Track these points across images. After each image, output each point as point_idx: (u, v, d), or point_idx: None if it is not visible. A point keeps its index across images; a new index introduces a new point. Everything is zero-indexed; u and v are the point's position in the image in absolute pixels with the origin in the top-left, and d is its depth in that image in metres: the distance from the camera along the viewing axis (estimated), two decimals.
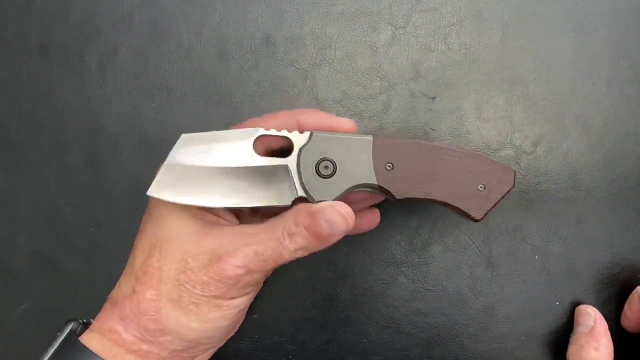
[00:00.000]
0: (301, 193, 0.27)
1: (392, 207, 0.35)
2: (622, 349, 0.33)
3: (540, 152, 0.35)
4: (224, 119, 0.36)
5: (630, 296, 0.34)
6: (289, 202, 0.27)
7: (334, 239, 0.27)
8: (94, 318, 0.29)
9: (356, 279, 0.35)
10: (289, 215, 0.27)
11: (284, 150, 0.28)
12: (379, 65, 0.36)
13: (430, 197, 0.28)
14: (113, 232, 0.36)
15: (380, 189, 0.28)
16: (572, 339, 0.34)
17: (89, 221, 0.36)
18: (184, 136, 0.28)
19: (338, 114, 0.36)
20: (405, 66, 0.36)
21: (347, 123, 0.29)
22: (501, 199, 0.28)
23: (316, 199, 0.27)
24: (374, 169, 0.27)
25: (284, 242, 0.26)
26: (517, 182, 0.35)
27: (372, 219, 0.32)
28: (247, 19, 0.36)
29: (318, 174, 0.27)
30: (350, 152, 0.27)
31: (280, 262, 0.26)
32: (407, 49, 0.36)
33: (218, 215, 0.29)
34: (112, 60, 0.36)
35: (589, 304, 0.35)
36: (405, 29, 0.36)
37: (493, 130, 0.36)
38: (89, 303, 0.36)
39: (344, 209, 0.26)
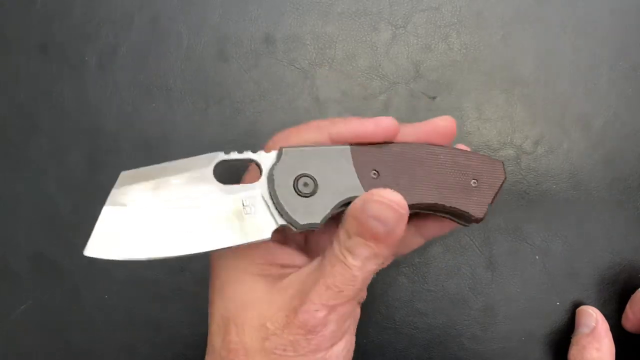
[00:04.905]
0: (281, 221, 0.23)
1: None
2: (623, 349, 0.33)
3: (540, 152, 0.35)
4: (224, 118, 0.36)
5: (632, 297, 0.34)
6: (268, 235, 0.23)
7: (398, 234, 0.23)
8: (90, 318, 0.29)
9: None
10: (340, 228, 0.23)
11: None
12: (379, 65, 0.36)
13: (425, 202, 0.25)
14: None
15: None
16: (574, 340, 0.34)
17: (89, 221, 0.36)
18: (123, 174, 0.24)
19: (338, 114, 0.36)
20: (405, 66, 0.36)
21: (386, 123, 0.25)
22: (497, 193, 0.26)
23: (301, 223, 0.23)
24: (359, 178, 0.24)
25: (347, 262, 0.22)
26: (517, 182, 0.35)
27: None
28: (247, 18, 0.36)
29: (298, 194, 0.24)
30: (329, 164, 0.24)
31: (359, 283, 0.23)
32: (407, 48, 0.36)
33: (283, 266, 0.26)
34: (112, 60, 0.36)
35: (590, 304, 0.35)
36: (405, 28, 0.36)
37: (493, 130, 0.36)
38: (89, 303, 0.36)
39: (389, 195, 0.22)
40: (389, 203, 0.22)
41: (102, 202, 0.36)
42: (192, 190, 0.23)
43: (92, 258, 0.36)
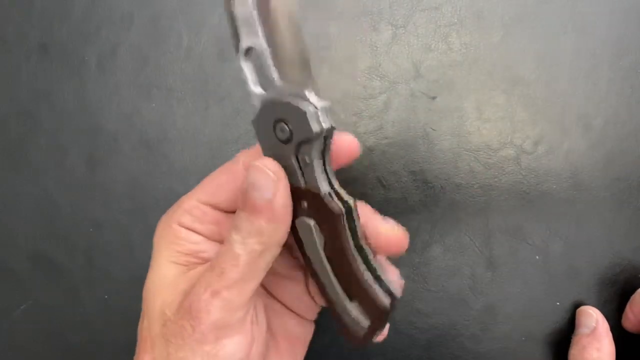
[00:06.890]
0: None
1: (392, 207, 0.35)
2: (623, 349, 0.33)
3: (540, 152, 0.35)
4: (224, 119, 0.36)
5: (633, 297, 0.34)
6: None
7: (278, 206, 0.22)
8: (90, 318, 0.29)
9: None
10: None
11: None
12: (379, 65, 0.36)
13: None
14: (113, 233, 0.36)
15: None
16: (574, 340, 0.34)
17: (89, 221, 0.36)
18: None
19: (338, 114, 0.36)
20: (405, 66, 0.36)
21: (388, 224, 0.24)
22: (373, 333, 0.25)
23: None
24: None
25: (230, 238, 0.22)
26: (518, 182, 0.35)
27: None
28: None
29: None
30: None
31: (242, 265, 0.21)
32: (407, 48, 0.36)
33: (205, 259, 0.25)
34: (112, 60, 0.36)
35: (590, 304, 0.35)
36: (405, 28, 0.36)
37: (494, 130, 0.36)
38: (89, 303, 0.36)
39: (265, 161, 0.22)
40: (263, 168, 0.22)
41: (101, 202, 0.37)
42: None
43: (91, 258, 0.36)
